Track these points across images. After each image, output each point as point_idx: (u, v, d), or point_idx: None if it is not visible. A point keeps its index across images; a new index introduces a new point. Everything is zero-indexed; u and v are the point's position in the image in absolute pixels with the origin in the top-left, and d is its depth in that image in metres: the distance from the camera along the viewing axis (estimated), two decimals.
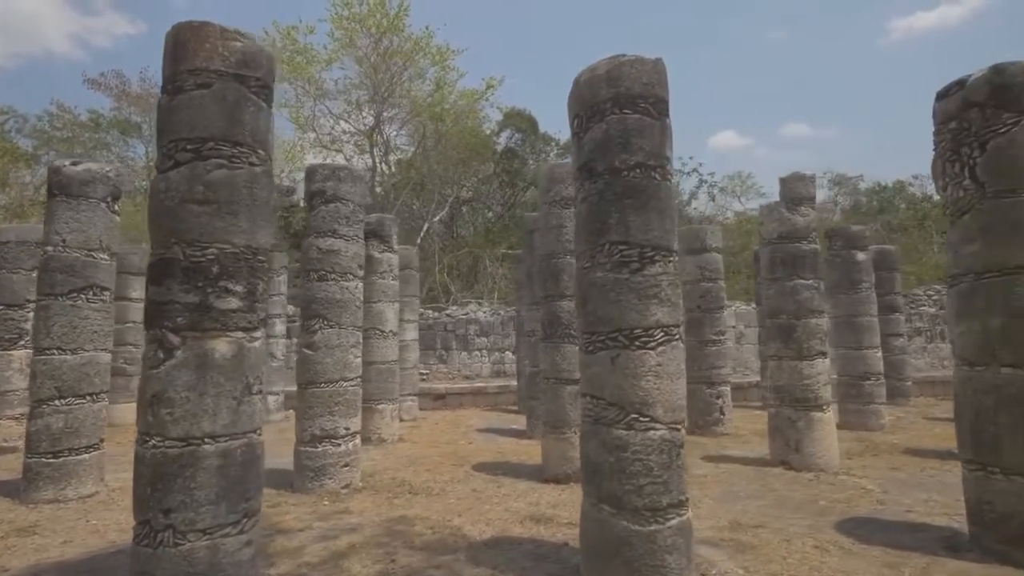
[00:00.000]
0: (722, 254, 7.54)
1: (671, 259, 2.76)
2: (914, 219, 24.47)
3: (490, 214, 23.89)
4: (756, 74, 61.71)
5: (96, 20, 45.48)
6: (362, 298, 4.91)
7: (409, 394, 8.75)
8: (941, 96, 3.33)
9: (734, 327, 12.39)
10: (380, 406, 6.66)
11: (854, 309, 7.32)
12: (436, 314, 12.03)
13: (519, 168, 22.95)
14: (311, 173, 4.85)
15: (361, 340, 4.85)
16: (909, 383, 9.21)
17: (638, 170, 2.76)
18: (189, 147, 2.60)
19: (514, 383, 9.91)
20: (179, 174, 2.59)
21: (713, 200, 26.74)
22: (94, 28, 44.60)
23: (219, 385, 2.52)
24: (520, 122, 22.86)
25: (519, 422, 8.02)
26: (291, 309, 12.73)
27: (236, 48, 2.72)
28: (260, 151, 2.77)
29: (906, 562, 2.92)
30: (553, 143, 23.95)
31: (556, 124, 37.51)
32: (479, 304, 13.64)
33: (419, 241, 19.69)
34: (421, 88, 19.55)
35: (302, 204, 24.22)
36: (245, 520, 2.57)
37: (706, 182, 25.79)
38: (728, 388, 7.08)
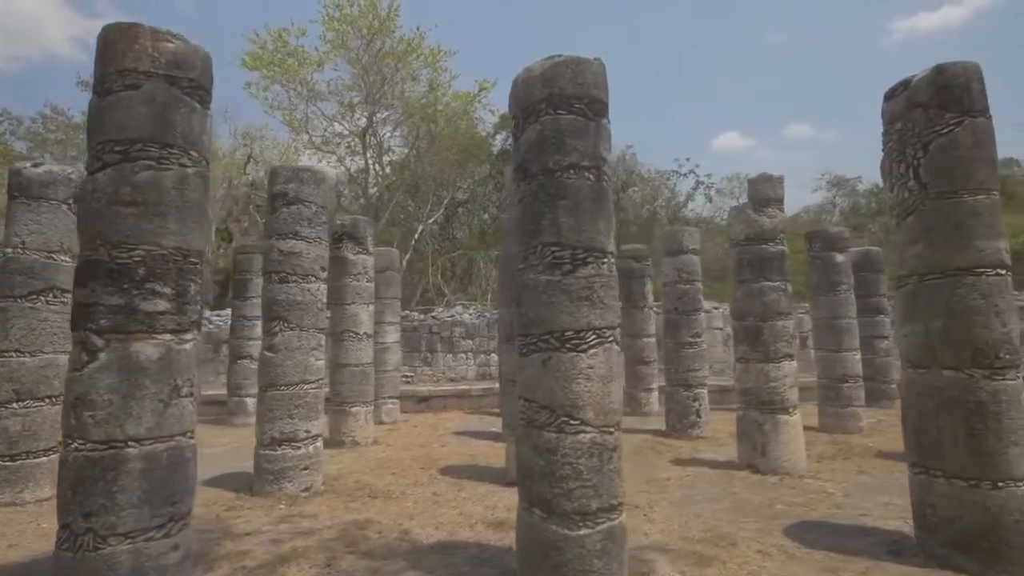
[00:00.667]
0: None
1: (605, 261, 2.74)
2: None
3: (486, 216, 23.88)
4: (758, 76, 61.69)
5: (97, 22, 45.49)
6: (325, 300, 4.89)
7: (390, 397, 8.73)
8: (888, 96, 3.31)
9: (721, 328, 12.35)
10: (354, 409, 6.64)
11: (833, 311, 7.27)
12: (422, 316, 12.01)
13: None
14: (274, 175, 4.84)
15: (323, 343, 4.83)
16: (893, 385, 9.12)
17: (572, 171, 2.74)
18: (117, 148, 2.59)
19: (497, 386, 9.87)
20: (106, 176, 2.58)
21: (710, 201, 26.68)
22: (95, 31, 44.59)
23: (144, 388, 2.50)
24: None
25: (499, 424, 7.97)
26: None
27: (167, 49, 2.71)
28: (193, 152, 2.75)
29: (846, 567, 2.89)
30: None
31: None
32: (465, 306, 13.61)
33: (414, 243, 19.69)
34: (414, 89, 19.58)
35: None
36: (171, 524, 2.55)
37: (703, 183, 25.76)
38: (705, 391, 7.03)
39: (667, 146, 56.93)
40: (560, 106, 2.77)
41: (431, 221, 20.50)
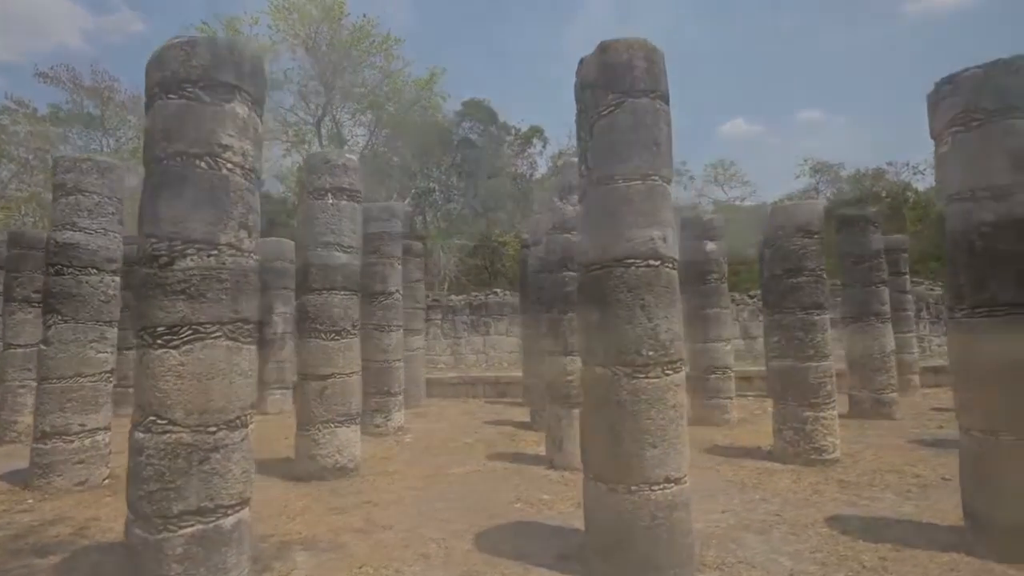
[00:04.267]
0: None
1: (212, 253, 2.61)
2: (890, 207, 23.88)
3: (452, 204, 23.75)
4: (768, 62, 60.06)
5: (110, 18, 45.07)
6: (112, 292, 4.80)
7: (279, 387, 8.69)
8: (576, 77, 3.12)
9: None
10: None
11: (700, 301, 7.07)
12: None
13: (479, 158, 22.76)
14: (54, 165, 4.75)
15: (107, 335, 4.74)
16: None
17: (178, 159, 2.60)
18: None
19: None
20: None
21: (685, 189, 26.35)
22: (105, 26, 44.39)
23: None
24: (478, 112, 22.62)
25: None
26: None
27: None
28: None
29: (490, 571, 2.77)
30: (514, 131, 23.72)
31: (518, 114, 37.18)
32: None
33: None
34: (372, 77, 19.42)
35: (271, 195, 23.85)
36: None
37: (678, 172, 25.43)
38: None
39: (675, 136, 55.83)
40: (171, 90, 2.64)
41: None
